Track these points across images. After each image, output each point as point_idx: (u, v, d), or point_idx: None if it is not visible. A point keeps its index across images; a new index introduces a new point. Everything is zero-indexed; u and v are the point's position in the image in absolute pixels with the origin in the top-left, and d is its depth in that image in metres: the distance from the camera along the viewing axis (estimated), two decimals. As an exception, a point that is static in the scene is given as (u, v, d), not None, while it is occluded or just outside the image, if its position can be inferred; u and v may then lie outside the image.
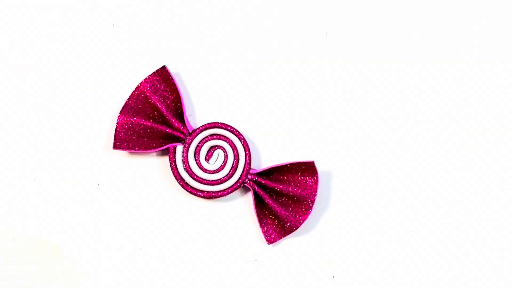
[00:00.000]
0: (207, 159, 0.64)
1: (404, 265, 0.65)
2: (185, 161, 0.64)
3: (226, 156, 0.64)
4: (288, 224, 0.64)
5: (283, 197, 0.64)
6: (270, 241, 0.64)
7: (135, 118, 0.64)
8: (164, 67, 0.64)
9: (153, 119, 0.64)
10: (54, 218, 0.64)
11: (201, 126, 0.64)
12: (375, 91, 0.67)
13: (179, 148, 0.64)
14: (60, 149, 0.65)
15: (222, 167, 0.64)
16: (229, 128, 0.64)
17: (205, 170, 0.64)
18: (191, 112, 0.66)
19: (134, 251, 0.64)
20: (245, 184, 0.64)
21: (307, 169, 0.64)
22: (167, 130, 0.64)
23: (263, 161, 0.66)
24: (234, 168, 0.64)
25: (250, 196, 0.65)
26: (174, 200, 0.65)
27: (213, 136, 0.64)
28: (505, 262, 0.65)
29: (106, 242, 0.64)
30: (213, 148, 0.65)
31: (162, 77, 0.64)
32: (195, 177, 0.64)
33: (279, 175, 0.64)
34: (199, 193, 0.64)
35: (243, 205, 0.65)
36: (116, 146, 0.63)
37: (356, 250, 0.65)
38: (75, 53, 0.66)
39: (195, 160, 0.64)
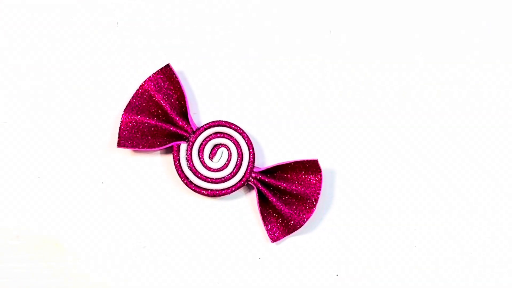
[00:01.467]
0: (211, 157, 0.64)
1: (407, 263, 0.65)
2: (189, 159, 0.64)
3: (230, 154, 0.64)
4: (292, 222, 0.64)
5: (287, 195, 0.64)
6: (274, 239, 0.64)
7: (139, 116, 0.64)
8: (168, 66, 0.64)
9: (157, 117, 0.64)
10: (58, 216, 0.64)
11: (205, 124, 0.64)
12: (378, 90, 0.67)
13: (183, 146, 0.64)
14: (64, 147, 0.65)
15: (226, 165, 0.64)
16: (233, 126, 0.64)
17: (209, 168, 0.64)
18: (195, 110, 0.66)
19: (138, 249, 0.64)
20: (249, 182, 0.64)
21: (311, 167, 0.64)
22: (171, 128, 0.64)
23: (266, 159, 0.66)
24: (238, 166, 0.64)
25: (253, 194, 0.65)
26: (178, 198, 0.65)
27: (217, 134, 0.64)
28: (506, 262, 0.65)
29: (110, 240, 0.64)
30: (217, 146, 0.65)
31: (166, 75, 0.64)
32: (199, 175, 0.64)
33: (282, 173, 0.64)
34: (203, 191, 0.64)
35: (246, 203, 0.65)
36: (120, 144, 0.63)
37: (360, 248, 0.65)
38: (79, 52, 0.66)
39: (199, 158, 0.64)
